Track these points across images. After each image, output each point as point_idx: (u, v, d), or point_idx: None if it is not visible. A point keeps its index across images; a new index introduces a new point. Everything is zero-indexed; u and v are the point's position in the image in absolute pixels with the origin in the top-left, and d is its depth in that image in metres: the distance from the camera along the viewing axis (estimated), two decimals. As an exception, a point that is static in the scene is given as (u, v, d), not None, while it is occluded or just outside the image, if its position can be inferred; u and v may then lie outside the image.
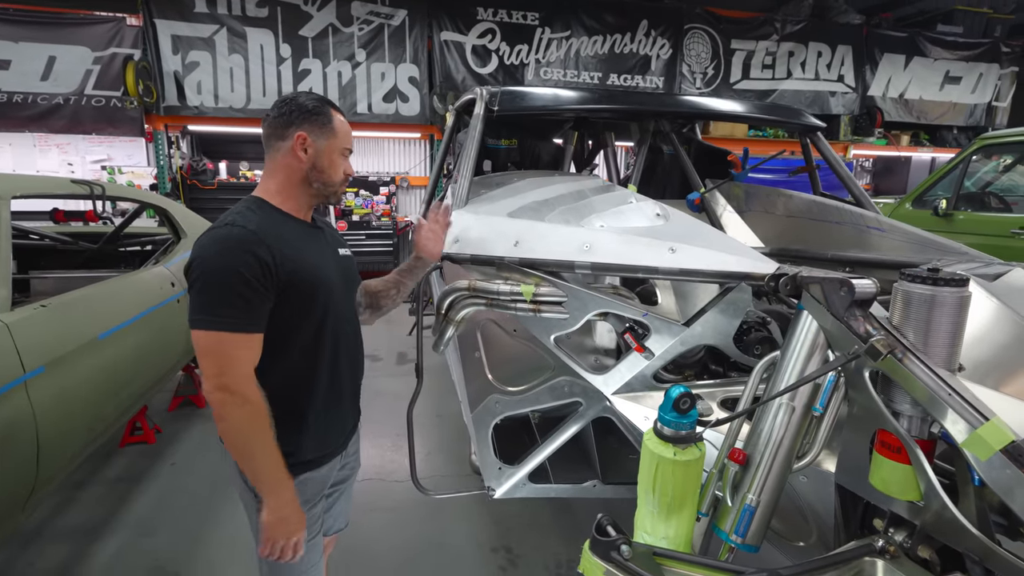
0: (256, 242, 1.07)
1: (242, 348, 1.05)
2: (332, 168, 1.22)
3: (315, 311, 1.17)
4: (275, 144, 1.19)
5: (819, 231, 2.17)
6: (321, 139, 1.19)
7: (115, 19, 5.59)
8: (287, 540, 1.11)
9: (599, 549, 0.99)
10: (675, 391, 1.06)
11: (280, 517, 1.09)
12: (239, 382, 1.04)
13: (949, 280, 0.95)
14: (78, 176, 5.66)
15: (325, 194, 1.24)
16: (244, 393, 1.04)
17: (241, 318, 1.05)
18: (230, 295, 1.04)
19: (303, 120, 1.18)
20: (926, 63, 7.63)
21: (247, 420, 1.05)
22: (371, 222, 6.42)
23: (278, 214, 1.19)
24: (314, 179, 1.21)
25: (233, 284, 1.04)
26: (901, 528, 1.02)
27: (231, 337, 1.04)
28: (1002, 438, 0.83)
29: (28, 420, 1.57)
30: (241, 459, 1.09)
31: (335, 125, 1.21)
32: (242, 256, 1.05)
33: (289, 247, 1.13)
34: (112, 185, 2.84)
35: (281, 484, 1.09)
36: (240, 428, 1.05)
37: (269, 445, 1.07)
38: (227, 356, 1.04)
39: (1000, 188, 4.60)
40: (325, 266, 1.22)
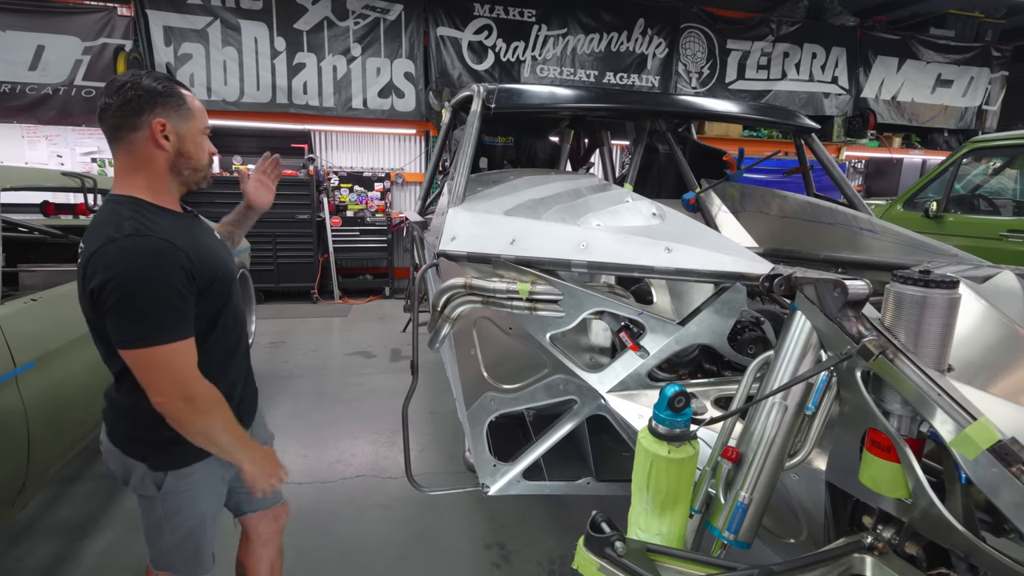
0: (174, 251, 1.06)
1: (188, 354, 1.08)
2: (199, 151, 1.17)
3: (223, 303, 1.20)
4: (127, 136, 1.09)
5: (813, 232, 2.19)
6: (181, 122, 1.13)
7: (106, 9, 5.51)
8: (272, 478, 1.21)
9: (593, 545, 1.00)
10: (670, 389, 1.07)
11: (259, 466, 1.19)
12: (195, 385, 1.08)
13: (940, 282, 0.96)
14: (68, 168, 5.59)
15: (195, 180, 1.19)
16: (204, 394, 1.09)
17: (182, 327, 1.07)
18: (168, 309, 1.04)
19: (155, 104, 1.09)
20: (918, 66, 7.70)
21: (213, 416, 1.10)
22: (365, 218, 6.39)
23: (163, 212, 1.13)
24: (182, 166, 1.15)
25: (168, 297, 1.04)
26: (889, 525, 1.04)
27: (178, 347, 1.05)
28: (989, 437, 0.84)
29: (19, 415, 1.56)
30: (210, 447, 1.14)
31: (190, 104, 1.15)
32: (170, 268, 1.05)
33: (196, 249, 1.12)
34: (104, 178, 2.81)
35: (248, 446, 1.18)
36: (209, 426, 1.10)
37: (232, 423, 1.14)
38: (178, 366, 1.06)
39: (989, 191, 4.67)
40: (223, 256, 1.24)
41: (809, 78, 7.41)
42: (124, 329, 1.03)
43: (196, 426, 1.09)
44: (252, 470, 1.18)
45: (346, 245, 6.34)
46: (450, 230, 1.81)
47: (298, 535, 2.18)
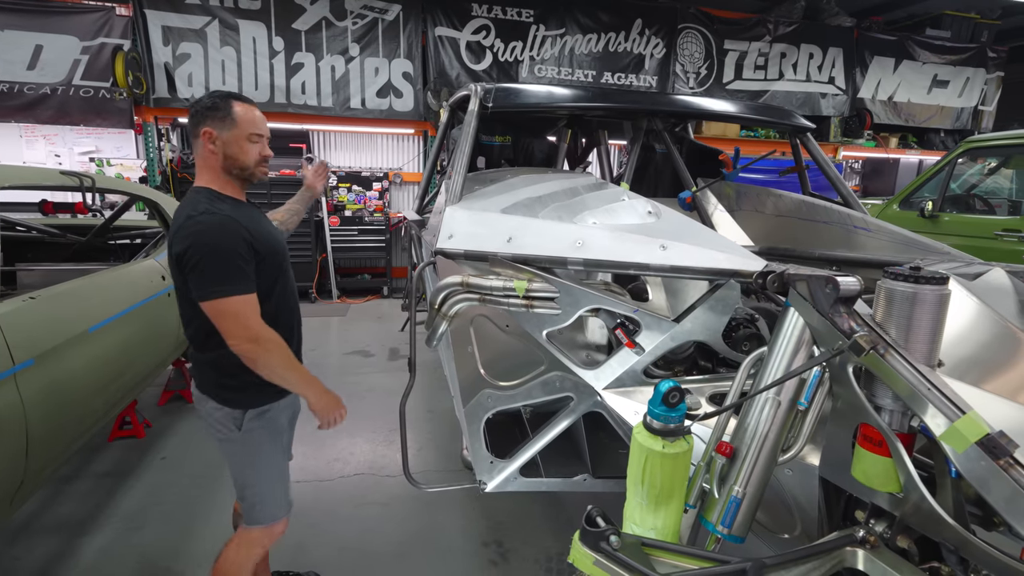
0: (236, 225, 1.35)
1: (250, 305, 1.33)
2: (243, 154, 1.42)
3: (279, 275, 1.49)
4: (194, 143, 1.43)
5: (807, 230, 2.20)
6: (224, 131, 1.40)
7: (104, 8, 5.51)
8: (334, 413, 1.47)
9: (589, 540, 1.01)
10: (664, 385, 1.08)
11: (324, 402, 1.45)
12: (262, 329, 1.33)
13: (930, 278, 0.98)
14: (66, 168, 5.58)
15: (245, 176, 1.45)
16: (267, 336, 1.34)
17: (246, 283, 1.33)
18: (234, 268, 1.31)
19: (205, 118, 1.39)
20: (915, 66, 7.73)
21: (277, 354, 1.35)
22: (364, 217, 6.40)
23: (227, 199, 1.43)
24: (231, 166, 1.43)
25: (234, 259, 1.32)
26: (881, 519, 1.05)
27: (244, 299, 1.32)
28: (978, 431, 0.86)
29: (17, 413, 1.56)
30: (282, 383, 1.40)
31: (235, 115, 1.41)
32: (234, 237, 1.33)
33: (254, 225, 1.42)
34: (102, 177, 2.81)
35: (313, 382, 1.44)
36: (275, 363, 1.35)
37: (295, 362, 1.42)
38: (246, 314, 1.32)
39: (985, 190, 4.69)
40: (275, 237, 1.53)
41: (806, 78, 7.43)
42: (202, 285, 1.30)
43: (264, 362, 1.33)
44: (318, 402, 1.44)
45: (344, 244, 6.34)
46: (447, 228, 1.82)
47: (296, 533, 2.18)
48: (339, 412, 1.50)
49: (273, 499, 1.52)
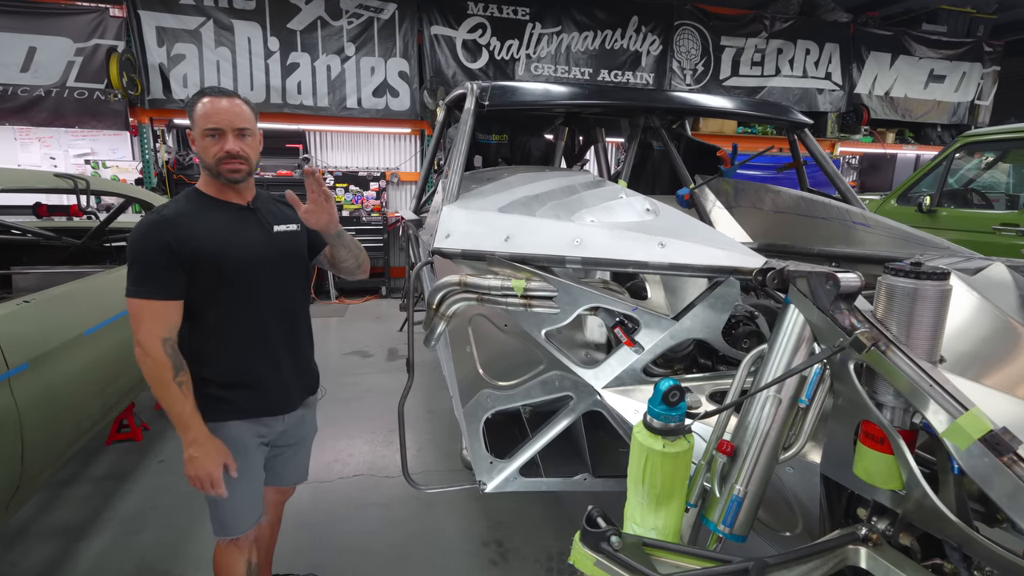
0: (161, 227, 1.28)
1: (147, 312, 1.27)
2: (203, 152, 1.33)
3: (226, 285, 1.35)
4: None
5: (806, 226, 2.20)
6: (194, 128, 1.33)
7: (97, 9, 5.47)
8: (203, 472, 1.30)
9: (589, 540, 1.00)
10: (664, 384, 1.07)
11: (190, 455, 1.30)
12: (146, 340, 1.26)
13: (931, 274, 0.97)
14: (61, 170, 5.56)
15: (214, 176, 1.35)
16: (147, 349, 1.26)
17: (147, 288, 1.27)
18: (141, 270, 1.27)
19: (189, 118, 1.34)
20: (911, 61, 7.73)
21: (151, 371, 1.27)
22: (361, 217, 6.38)
23: (204, 200, 1.38)
24: (203, 166, 1.36)
25: (143, 261, 1.27)
26: (884, 517, 1.04)
27: (141, 303, 1.27)
28: (981, 427, 0.85)
29: (12, 417, 1.55)
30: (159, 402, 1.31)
31: (195, 111, 1.31)
32: (152, 239, 1.28)
33: (200, 229, 1.32)
34: (97, 179, 2.79)
35: (188, 428, 1.29)
36: (148, 377, 1.28)
37: (172, 394, 1.28)
38: (139, 318, 1.27)
39: (982, 185, 4.69)
40: (243, 245, 1.37)
41: (803, 74, 7.43)
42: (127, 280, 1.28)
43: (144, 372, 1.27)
44: (187, 455, 1.30)
45: (342, 245, 6.31)
46: (444, 228, 1.80)
47: (296, 534, 2.17)
48: (209, 474, 1.29)
49: (231, 514, 1.43)
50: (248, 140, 1.35)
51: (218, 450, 1.32)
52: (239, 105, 1.34)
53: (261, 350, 1.42)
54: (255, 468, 1.47)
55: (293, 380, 1.51)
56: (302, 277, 1.57)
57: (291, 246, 1.49)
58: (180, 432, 1.30)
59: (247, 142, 1.35)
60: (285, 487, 1.71)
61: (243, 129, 1.33)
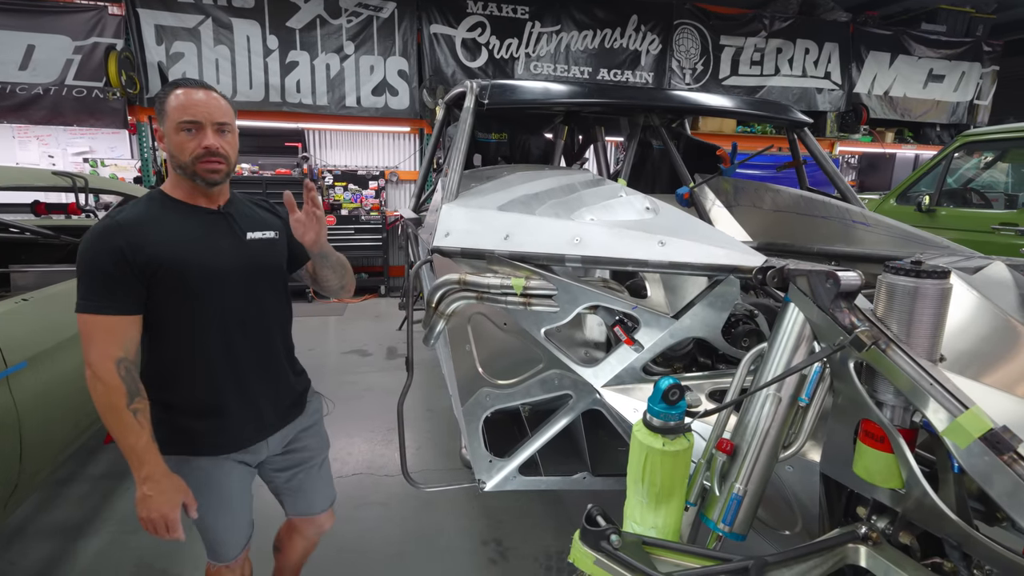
0: (113, 233, 1.13)
1: (100, 329, 1.12)
2: (177, 148, 1.17)
3: (189, 298, 1.19)
4: None
5: (806, 225, 2.20)
6: (164, 123, 1.18)
7: (96, 8, 5.46)
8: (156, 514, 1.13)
9: (589, 539, 1.00)
10: (664, 382, 1.07)
11: (143, 493, 1.14)
12: (97, 361, 1.11)
13: (931, 273, 0.97)
14: (59, 168, 5.55)
15: (188, 175, 1.19)
16: (98, 371, 1.11)
17: (97, 301, 1.12)
18: (91, 281, 1.12)
19: (156, 111, 1.20)
20: (910, 61, 7.73)
21: (101, 397, 1.11)
22: (360, 216, 6.37)
23: (169, 202, 1.23)
24: (174, 164, 1.20)
25: (93, 271, 1.12)
26: (883, 515, 1.04)
27: (91, 319, 1.12)
28: (981, 426, 0.85)
29: (10, 416, 1.54)
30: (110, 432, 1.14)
31: (168, 102, 1.16)
32: (102, 247, 1.12)
33: (159, 235, 1.16)
34: (95, 178, 2.79)
35: (142, 463, 1.13)
36: (98, 403, 1.12)
37: (126, 423, 1.12)
38: (87, 336, 1.12)
39: (981, 184, 4.69)
40: (208, 253, 1.21)
41: (802, 73, 7.43)
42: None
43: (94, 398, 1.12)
44: (140, 493, 1.13)
45: (341, 244, 6.29)
46: (444, 226, 1.80)
47: (295, 534, 2.17)
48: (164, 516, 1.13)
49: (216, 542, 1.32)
50: (228, 137, 1.21)
51: (176, 488, 1.16)
52: (217, 98, 1.19)
53: (229, 372, 1.25)
54: (233, 497, 1.31)
55: (268, 405, 1.33)
56: (278, 289, 1.36)
57: (266, 255, 1.32)
58: (133, 467, 1.13)
59: (227, 139, 1.20)
60: (314, 515, 1.52)
61: (223, 124, 1.19)
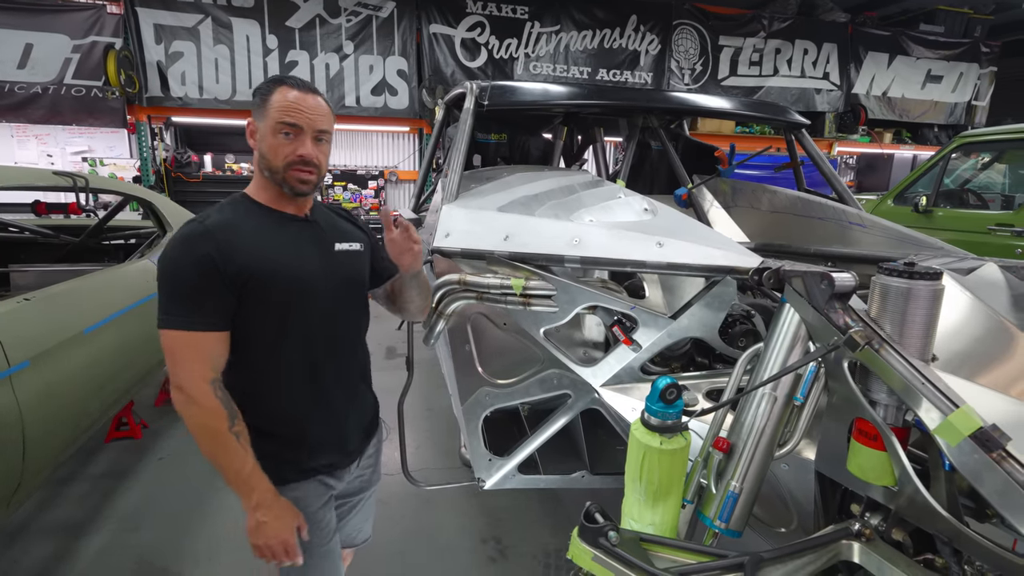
0: (202, 239, 1.03)
1: (190, 347, 1.02)
2: (271, 151, 1.08)
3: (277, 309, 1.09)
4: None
5: (803, 226, 2.21)
6: (261, 121, 1.09)
7: (95, 7, 5.46)
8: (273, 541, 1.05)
9: (587, 535, 1.02)
10: (662, 382, 1.09)
11: (257, 521, 1.03)
12: (187, 382, 1.01)
13: (924, 274, 0.98)
14: (58, 168, 5.55)
15: (276, 182, 1.11)
16: (193, 394, 1.01)
17: (186, 316, 1.01)
18: (177, 293, 1.02)
19: (254, 106, 1.11)
20: (908, 62, 7.76)
21: (200, 420, 1.01)
22: (359, 216, 6.38)
23: (255, 208, 1.13)
24: (263, 166, 1.10)
25: (180, 282, 1.02)
26: (877, 512, 1.06)
27: (179, 335, 1.02)
28: (971, 424, 0.87)
29: (13, 415, 1.55)
30: (207, 458, 1.03)
31: (271, 99, 1.07)
32: (188, 253, 1.02)
33: (248, 242, 1.06)
34: (95, 177, 2.79)
35: (252, 488, 1.03)
36: (196, 429, 1.02)
37: (229, 448, 1.02)
38: (177, 355, 1.02)
39: (978, 185, 4.72)
40: (297, 263, 1.12)
41: (801, 74, 7.45)
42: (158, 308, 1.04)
43: (189, 423, 1.02)
44: (254, 521, 1.03)
45: (340, 243, 6.32)
46: (444, 227, 1.81)
47: (295, 532, 2.18)
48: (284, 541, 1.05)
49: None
50: (324, 147, 1.14)
51: (289, 511, 1.08)
52: (323, 105, 1.12)
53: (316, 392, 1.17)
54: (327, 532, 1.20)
55: (352, 427, 1.26)
56: (361, 304, 1.30)
57: (352, 268, 1.25)
58: (242, 494, 1.04)
59: (323, 149, 1.14)
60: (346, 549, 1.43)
61: (323, 132, 1.12)
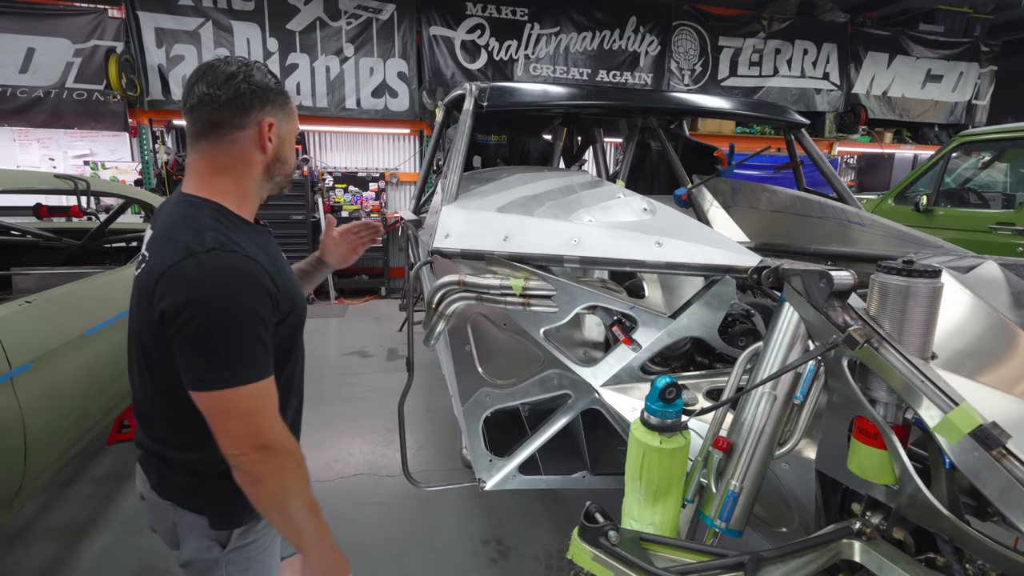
0: (261, 272, 0.91)
1: (270, 396, 0.91)
2: (292, 155, 1.06)
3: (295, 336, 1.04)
4: (228, 133, 0.96)
5: (802, 226, 2.21)
6: (284, 124, 1.02)
7: (96, 11, 5.48)
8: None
9: (587, 535, 1.02)
10: (661, 381, 1.09)
11: (326, 568, 0.96)
12: (277, 434, 0.90)
13: (923, 272, 0.98)
14: (60, 171, 5.56)
15: (282, 186, 1.06)
16: (285, 446, 0.90)
17: (265, 363, 0.89)
18: (252, 342, 0.87)
19: (266, 102, 0.98)
20: (908, 61, 7.75)
21: (291, 476, 0.91)
22: (360, 218, 6.38)
23: (242, 224, 0.99)
24: (276, 171, 1.03)
25: (253, 328, 0.88)
26: (877, 511, 1.06)
27: (261, 388, 0.88)
28: (971, 422, 0.86)
29: (15, 417, 1.56)
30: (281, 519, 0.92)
31: (291, 106, 1.04)
32: (254, 292, 0.89)
33: (277, 270, 0.97)
34: (97, 180, 2.80)
35: (324, 532, 0.96)
36: (284, 487, 0.90)
37: (310, 495, 0.94)
38: (259, 411, 0.88)
39: (979, 184, 4.71)
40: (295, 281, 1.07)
41: (801, 74, 7.45)
42: (201, 367, 0.85)
43: (270, 486, 0.89)
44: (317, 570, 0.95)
45: (341, 245, 6.33)
46: (444, 228, 1.82)
47: (296, 534, 2.18)
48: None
49: None
50: None
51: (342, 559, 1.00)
52: None
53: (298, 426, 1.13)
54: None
55: None
56: None
57: None
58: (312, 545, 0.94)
59: None
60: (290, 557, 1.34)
61: None
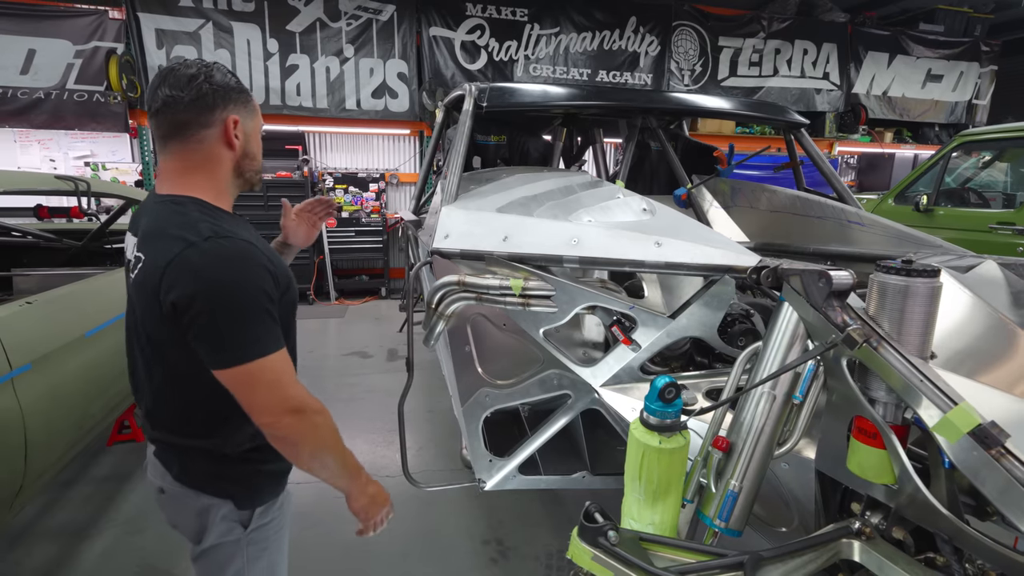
0: (259, 253, 0.99)
1: (286, 363, 0.99)
2: (259, 151, 1.12)
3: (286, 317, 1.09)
4: (195, 133, 1.01)
5: (802, 225, 2.21)
6: (249, 120, 1.07)
7: (97, 12, 5.49)
8: (379, 513, 1.13)
9: (587, 535, 1.02)
10: (660, 381, 1.09)
11: (370, 497, 1.10)
12: (303, 396, 0.98)
13: (922, 271, 0.98)
14: (61, 172, 5.57)
15: (255, 180, 1.12)
16: (312, 405, 0.99)
17: (276, 335, 0.98)
18: (264, 316, 0.96)
19: (228, 100, 1.03)
20: (909, 61, 7.75)
21: (325, 431, 1.01)
22: (360, 219, 6.39)
23: (226, 214, 1.06)
24: (246, 167, 1.09)
25: (262, 303, 0.96)
26: (877, 511, 1.06)
27: (279, 357, 0.97)
28: (970, 422, 0.86)
29: (15, 418, 1.56)
30: (322, 470, 1.03)
31: (254, 102, 1.10)
32: (257, 271, 0.97)
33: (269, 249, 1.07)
34: (97, 181, 2.81)
35: (360, 471, 1.10)
36: (320, 443, 1.01)
37: (341, 443, 1.05)
38: (282, 378, 0.97)
39: (979, 184, 4.71)
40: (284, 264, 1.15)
41: (801, 74, 7.45)
42: (221, 346, 0.93)
43: (309, 445, 0.99)
44: (363, 500, 1.10)
45: (341, 246, 6.33)
46: (443, 228, 1.82)
47: (300, 535, 2.18)
48: (386, 509, 1.14)
49: None
50: None
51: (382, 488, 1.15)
52: None
53: None
54: None
55: None
56: None
57: None
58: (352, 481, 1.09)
59: None
60: None
61: None
